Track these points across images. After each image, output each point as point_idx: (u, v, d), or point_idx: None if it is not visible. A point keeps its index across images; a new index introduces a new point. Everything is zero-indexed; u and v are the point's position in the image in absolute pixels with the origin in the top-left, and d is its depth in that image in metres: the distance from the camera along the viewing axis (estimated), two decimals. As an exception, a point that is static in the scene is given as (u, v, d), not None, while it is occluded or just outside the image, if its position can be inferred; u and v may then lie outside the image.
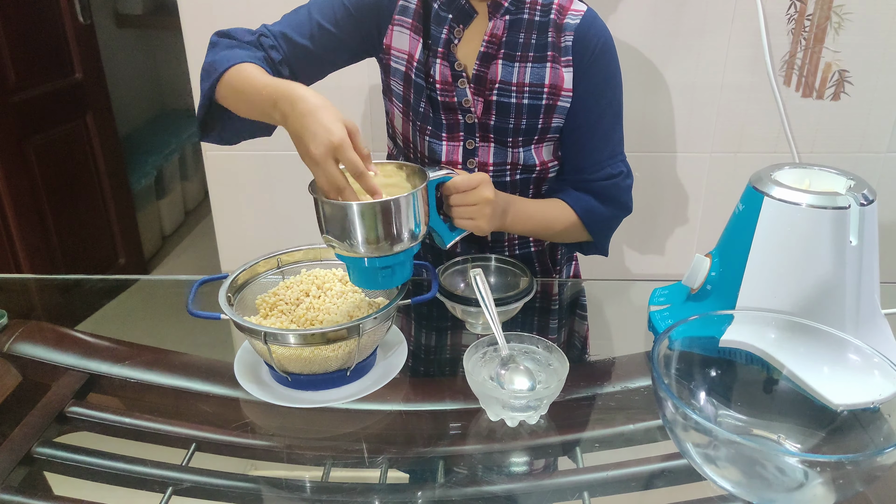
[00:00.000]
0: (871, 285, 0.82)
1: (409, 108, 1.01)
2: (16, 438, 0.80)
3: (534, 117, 0.98)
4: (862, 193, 0.79)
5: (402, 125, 1.04)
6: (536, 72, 0.96)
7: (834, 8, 1.32)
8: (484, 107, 0.98)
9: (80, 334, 1.02)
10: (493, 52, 0.96)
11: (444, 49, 0.96)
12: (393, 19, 0.98)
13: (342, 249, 0.77)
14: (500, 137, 1.00)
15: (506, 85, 0.96)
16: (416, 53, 0.98)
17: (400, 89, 1.01)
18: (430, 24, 0.97)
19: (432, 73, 0.97)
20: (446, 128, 1.00)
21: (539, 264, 1.13)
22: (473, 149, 1.01)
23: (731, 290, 0.85)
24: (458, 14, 0.96)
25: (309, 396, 0.81)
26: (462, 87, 0.97)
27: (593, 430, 0.82)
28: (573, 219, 1.03)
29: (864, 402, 0.71)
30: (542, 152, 1.02)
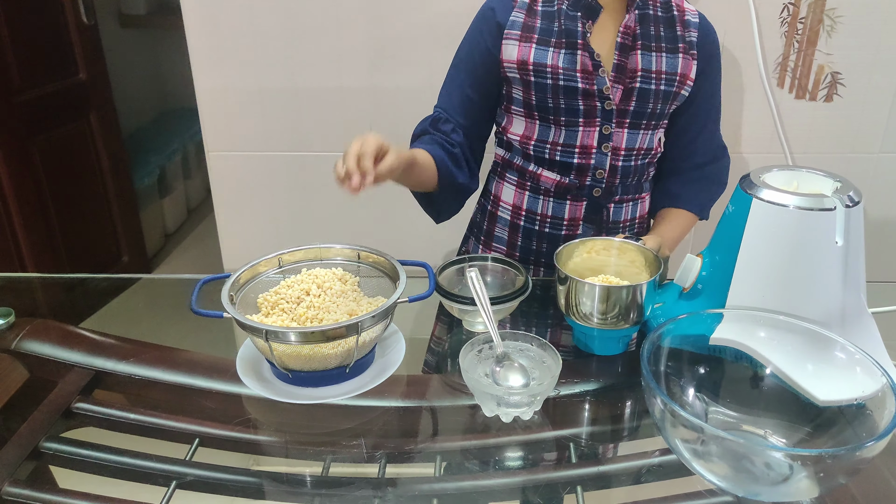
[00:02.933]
0: (857, 285, 0.84)
1: (531, 108, 1.08)
2: (23, 434, 0.82)
3: (665, 103, 1.08)
4: (848, 195, 0.81)
5: (524, 128, 1.11)
6: (671, 61, 1.06)
7: (826, 11, 1.34)
8: (623, 94, 1.05)
9: (85, 332, 1.04)
10: (630, 43, 1.05)
11: (582, 41, 1.04)
12: (504, 35, 1.06)
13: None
14: (637, 121, 1.08)
15: (647, 73, 1.05)
16: (530, 57, 1.04)
17: (519, 94, 1.09)
18: (552, 25, 1.05)
19: (563, 65, 1.04)
20: (583, 113, 1.06)
21: None
22: (609, 134, 1.08)
23: (721, 289, 0.87)
24: (586, 10, 1.05)
25: (309, 393, 0.82)
26: (602, 75, 1.04)
27: (586, 425, 0.84)
28: (691, 220, 1.20)
29: (848, 399, 0.73)
30: (657, 137, 1.13)
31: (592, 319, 0.88)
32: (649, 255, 0.93)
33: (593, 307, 0.87)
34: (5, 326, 0.99)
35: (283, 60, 1.44)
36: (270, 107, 1.48)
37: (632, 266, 0.95)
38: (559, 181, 1.11)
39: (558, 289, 0.91)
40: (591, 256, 0.96)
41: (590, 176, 1.10)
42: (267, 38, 1.42)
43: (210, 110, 1.49)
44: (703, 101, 1.12)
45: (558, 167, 1.10)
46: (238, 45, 1.44)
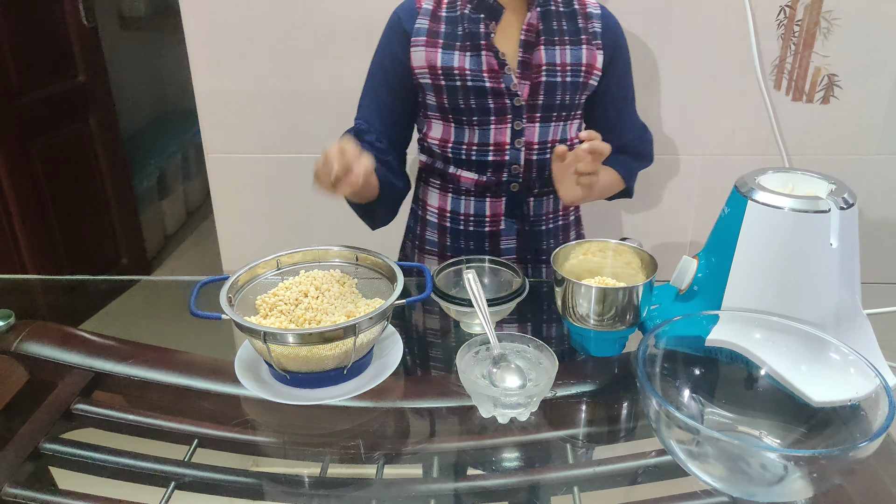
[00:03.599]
0: (851, 286, 0.84)
1: (445, 111, 1.11)
2: (24, 435, 0.83)
3: (574, 93, 1.11)
4: (842, 197, 0.81)
5: (441, 132, 1.14)
6: (575, 52, 1.09)
7: (823, 14, 1.35)
8: (531, 89, 1.08)
9: (85, 334, 1.05)
10: (533, 39, 1.08)
11: (485, 41, 1.07)
12: (411, 43, 1.08)
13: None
14: (547, 114, 1.11)
15: (552, 66, 1.08)
16: (437, 62, 1.07)
17: (432, 99, 1.11)
18: (456, 29, 1.07)
19: (471, 67, 1.06)
20: (494, 111, 1.09)
21: (555, 240, 1.22)
22: (520, 129, 1.10)
23: (717, 291, 0.87)
24: (488, 12, 1.07)
25: (307, 394, 0.83)
26: (508, 73, 1.07)
27: (582, 427, 0.84)
28: (616, 179, 1.20)
29: (842, 400, 0.73)
30: (572, 129, 1.16)
31: (589, 321, 0.88)
32: (645, 257, 0.93)
33: (590, 309, 0.88)
34: (5, 328, 0.99)
35: (282, 63, 1.45)
36: (269, 109, 1.48)
37: (628, 268, 0.95)
38: (478, 180, 1.14)
39: (555, 290, 0.91)
40: (588, 258, 0.97)
41: (506, 172, 1.12)
42: (266, 41, 1.43)
43: (209, 113, 1.49)
44: (616, 88, 1.16)
45: (476, 167, 1.13)
46: (237, 48, 1.44)
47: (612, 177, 1.19)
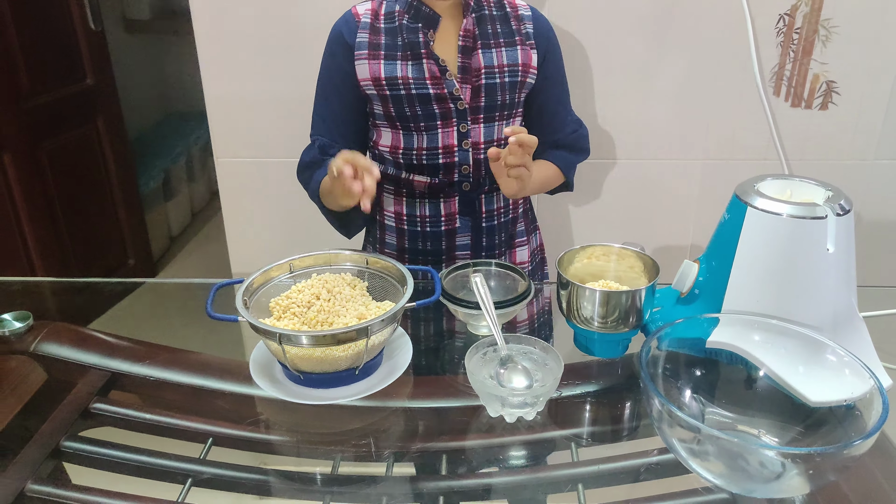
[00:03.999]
0: (848, 290, 0.87)
1: (392, 120, 1.14)
2: (44, 433, 0.85)
3: (513, 93, 1.15)
4: (839, 204, 0.84)
5: (391, 139, 1.17)
6: (511, 54, 1.14)
7: (821, 22, 1.37)
8: (472, 92, 1.12)
9: (101, 335, 1.07)
10: (471, 44, 1.12)
11: (425, 50, 1.10)
12: (354, 56, 1.12)
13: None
14: (490, 115, 1.15)
15: (490, 69, 1.12)
16: (381, 73, 1.11)
17: (380, 108, 1.15)
18: (395, 40, 1.11)
19: (413, 75, 1.10)
20: (440, 116, 1.13)
21: (506, 233, 1.26)
22: (466, 131, 1.15)
23: (717, 294, 0.90)
24: (426, 21, 1.11)
25: (320, 394, 0.85)
26: (450, 78, 1.11)
27: (587, 426, 0.87)
28: (555, 172, 1.24)
29: (838, 400, 0.76)
30: (514, 125, 1.16)
31: (593, 323, 0.91)
32: (648, 261, 0.96)
33: (594, 311, 0.90)
34: (24, 329, 1.02)
35: (291, 68, 1.47)
36: (277, 114, 1.51)
37: (630, 271, 0.98)
38: (430, 182, 1.17)
39: (560, 293, 0.94)
40: (592, 262, 1.00)
41: (456, 173, 1.16)
42: (275, 47, 1.46)
43: (219, 117, 1.52)
44: (551, 84, 1.20)
45: (427, 170, 1.16)
46: (246, 54, 1.47)
47: (550, 170, 1.23)
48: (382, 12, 1.13)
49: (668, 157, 1.54)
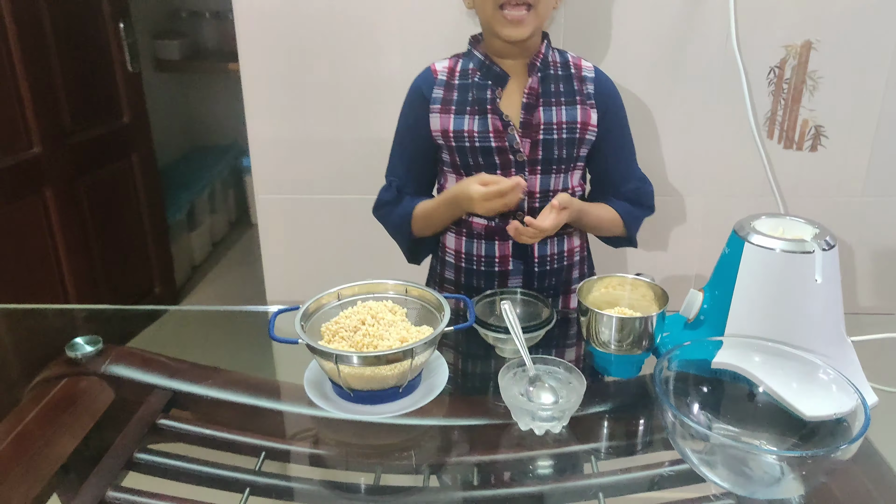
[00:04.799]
0: (836, 316, 0.98)
1: (457, 167, 1.26)
2: (119, 446, 0.93)
3: (570, 148, 1.23)
4: (825, 240, 0.95)
5: (455, 183, 1.26)
6: (570, 112, 1.22)
7: (808, 73, 1.49)
8: (531, 145, 1.21)
9: (162, 358, 1.17)
10: (534, 101, 1.21)
11: (491, 106, 1.20)
12: (429, 109, 1.23)
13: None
14: (547, 167, 1.23)
15: (549, 125, 1.21)
16: (450, 126, 1.22)
17: (447, 157, 1.26)
18: (466, 96, 1.20)
19: (478, 129, 1.21)
20: (500, 166, 1.23)
21: (557, 279, 1.33)
22: (524, 181, 1.21)
23: (720, 320, 1.00)
24: (495, 79, 1.21)
25: (368, 409, 0.95)
26: (511, 132, 1.20)
27: (606, 440, 0.95)
28: (616, 217, 1.29)
29: (829, 414, 0.85)
30: (573, 178, 1.28)
31: (610, 346, 1.02)
32: (658, 290, 1.07)
33: (611, 335, 1.01)
34: (94, 352, 1.12)
35: (327, 113, 1.59)
36: (315, 154, 1.62)
37: (643, 300, 1.09)
38: (487, 225, 1.26)
39: (580, 320, 1.05)
40: (609, 291, 1.11)
41: (512, 218, 1.23)
42: (313, 93, 1.58)
43: (261, 157, 1.63)
44: (612, 140, 1.27)
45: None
46: (288, 98, 1.59)
47: (609, 213, 1.28)
48: (458, 69, 1.24)
49: (674, 195, 1.65)
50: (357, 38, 1.54)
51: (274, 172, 1.64)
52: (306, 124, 1.61)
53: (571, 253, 1.33)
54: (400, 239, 1.34)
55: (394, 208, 1.30)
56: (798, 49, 1.49)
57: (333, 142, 1.61)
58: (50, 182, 2.12)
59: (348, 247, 1.66)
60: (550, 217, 1.14)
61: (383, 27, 1.53)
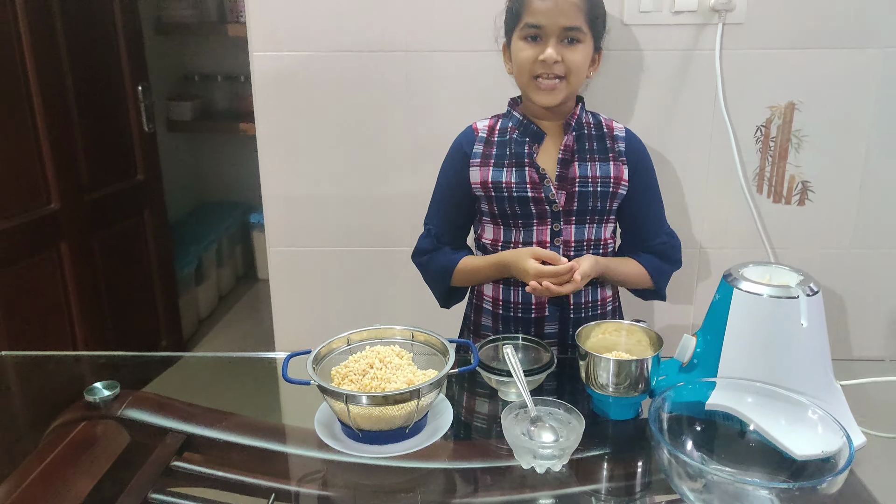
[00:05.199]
0: (823, 359, 1.02)
1: (495, 216, 1.33)
2: (134, 487, 0.97)
3: (604, 201, 1.31)
4: (809, 286, 1.01)
5: (492, 233, 1.36)
6: (604, 168, 1.31)
7: (793, 132, 1.58)
8: (567, 197, 1.29)
9: (176, 402, 1.21)
10: (569, 157, 1.30)
11: (528, 160, 1.30)
12: (469, 164, 1.33)
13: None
14: (581, 218, 1.31)
15: (584, 178, 1.29)
16: (489, 178, 1.31)
17: (486, 207, 1.34)
18: (505, 151, 1.32)
19: (515, 180, 1.29)
20: (536, 216, 1.30)
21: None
22: (559, 230, 1.31)
23: (713, 364, 1.05)
24: (532, 136, 1.31)
25: (376, 449, 0.99)
26: (547, 184, 1.29)
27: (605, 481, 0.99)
28: (643, 271, 1.36)
29: (817, 453, 0.89)
30: (606, 230, 1.35)
31: (608, 388, 1.06)
32: (653, 335, 1.12)
33: (608, 378, 1.06)
34: (111, 397, 1.16)
35: (337, 170, 1.67)
36: (324, 209, 1.70)
37: (639, 345, 1.14)
38: None
39: (579, 363, 1.10)
40: (606, 336, 1.16)
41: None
42: (324, 153, 1.66)
43: (274, 211, 1.71)
44: (642, 195, 1.35)
45: None
46: (299, 157, 1.67)
47: (635, 268, 1.35)
48: (497, 128, 1.34)
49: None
50: (365, 102, 1.64)
51: (285, 226, 1.71)
52: (316, 181, 1.69)
53: (605, 302, 1.39)
54: (436, 286, 1.41)
55: (434, 256, 1.38)
56: (782, 109, 1.58)
57: (341, 198, 1.69)
58: (66, 237, 2.19)
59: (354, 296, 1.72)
60: (569, 286, 1.20)
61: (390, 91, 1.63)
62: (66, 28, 2.13)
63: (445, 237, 1.39)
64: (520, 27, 1.25)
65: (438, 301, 1.43)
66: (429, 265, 1.39)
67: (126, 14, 2.41)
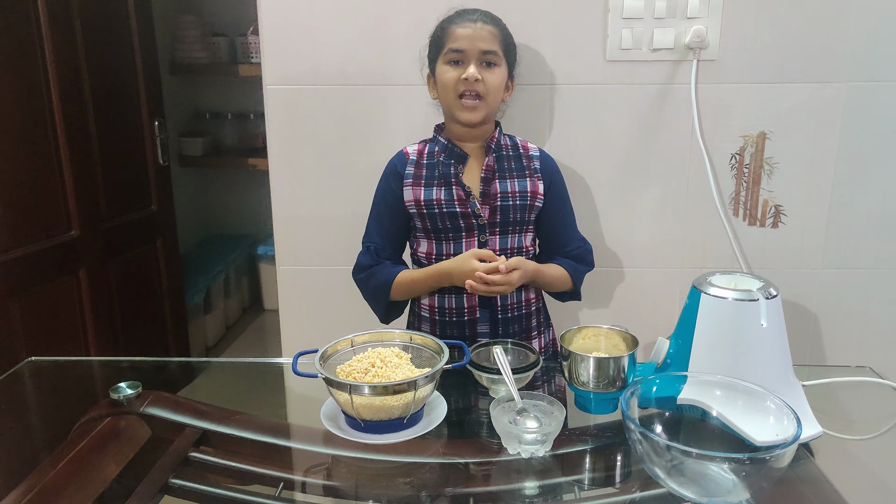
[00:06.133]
0: (783, 357, 1.12)
1: (428, 231, 1.47)
2: (155, 474, 1.08)
3: (523, 213, 1.46)
4: (768, 291, 1.12)
5: (426, 246, 1.49)
6: (522, 183, 1.47)
7: (765, 159, 1.71)
8: (490, 211, 1.44)
9: (192, 401, 1.32)
10: (490, 176, 1.45)
11: (455, 179, 1.44)
12: (402, 184, 1.47)
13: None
14: (504, 229, 1.46)
15: (504, 194, 1.45)
16: (421, 196, 1.44)
17: (419, 223, 1.48)
18: (433, 172, 1.46)
19: (444, 198, 1.43)
20: (464, 229, 1.45)
21: (519, 325, 1.51)
22: (485, 241, 1.46)
23: (684, 363, 1.15)
24: (457, 158, 1.46)
25: (376, 437, 1.09)
26: (472, 200, 1.44)
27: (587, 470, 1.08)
28: (564, 274, 1.51)
29: (774, 439, 0.97)
30: (526, 239, 1.50)
31: (589, 385, 1.16)
32: (628, 338, 1.22)
33: (589, 375, 1.16)
34: (134, 395, 1.26)
35: (343, 193, 1.80)
36: (330, 230, 1.82)
37: (615, 349, 1.24)
38: None
39: (562, 364, 1.20)
40: (587, 341, 1.26)
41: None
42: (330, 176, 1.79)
43: (283, 233, 1.82)
44: (556, 207, 1.51)
45: None
46: (309, 183, 1.80)
47: (558, 270, 1.50)
48: (426, 151, 1.49)
49: (653, 266, 1.81)
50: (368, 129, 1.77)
51: (293, 246, 1.83)
52: (323, 204, 1.81)
53: (529, 303, 1.52)
54: (376, 302, 1.51)
55: (374, 272, 1.49)
56: (755, 138, 1.71)
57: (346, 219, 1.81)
58: (85, 263, 2.31)
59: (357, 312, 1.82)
60: (497, 277, 1.34)
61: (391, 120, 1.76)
62: (89, 67, 2.29)
63: (384, 252, 1.50)
64: (443, 53, 1.43)
65: (378, 317, 1.55)
66: (369, 280, 1.49)
67: (144, 55, 2.58)
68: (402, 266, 1.52)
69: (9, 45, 1.98)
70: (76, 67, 2.24)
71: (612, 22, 1.66)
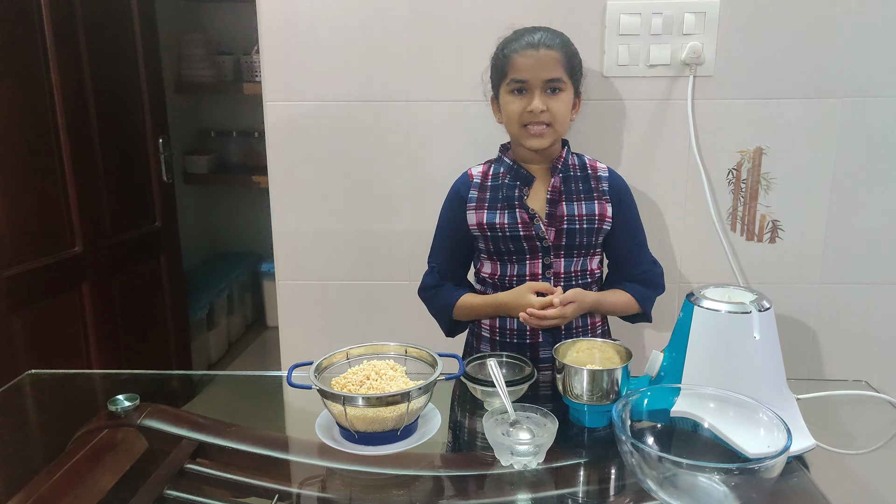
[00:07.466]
0: (776, 370, 1.13)
1: (491, 253, 1.46)
2: (151, 484, 1.08)
3: (590, 236, 1.43)
4: (761, 304, 1.12)
5: (490, 267, 1.48)
6: (589, 206, 1.43)
7: (762, 175, 1.71)
8: (556, 234, 1.41)
9: (189, 414, 1.32)
10: (556, 197, 1.42)
11: (518, 202, 1.42)
12: (466, 207, 1.45)
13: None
14: (569, 252, 1.43)
15: (571, 216, 1.42)
16: (484, 220, 1.43)
17: (483, 245, 1.47)
18: (497, 194, 1.44)
19: (508, 221, 1.42)
20: (528, 251, 1.43)
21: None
22: (549, 263, 1.43)
23: (678, 375, 1.15)
24: (522, 180, 1.44)
25: (370, 449, 1.10)
26: (537, 223, 1.41)
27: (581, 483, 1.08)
28: (630, 300, 1.47)
29: (766, 451, 0.97)
30: (592, 262, 1.47)
31: (583, 398, 1.16)
32: (622, 351, 1.23)
33: (583, 388, 1.16)
34: (132, 408, 1.27)
35: (341, 209, 1.81)
36: (330, 245, 1.83)
37: (609, 362, 1.24)
38: None
39: (556, 377, 1.20)
40: (581, 354, 1.26)
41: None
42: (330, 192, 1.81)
43: (283, 248, 1.84)
44: (625, 229, 1.47)
45: None
46: (308, 198, 1.81)
47: (623, 297, 1.46)
48: (490, 173, 1.47)
49: (650, 282, 1.83)
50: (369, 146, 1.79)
51: (293, 261, 1.85)
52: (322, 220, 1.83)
53: (594, 326, 1.50)
54: (441, 320, 1.53)
55: (438, 292, 1.50)
56: (751, 154, 1.72)
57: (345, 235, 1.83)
58: (88, 279, 2.33)
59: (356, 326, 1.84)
60: (551, 311, 1.32)
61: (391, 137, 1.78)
62: (94, 84, 2.32)
63: (448, 273, 1.51)
64: (506, 83, 1.41)
65: (443, 331, 1.56)
66: (433, 301, 1.51)
67: (150, 73, 2.62)
68: (465, 289, 1.52)
69: (14, 62, 2.02)
70: (81, 85, 2.28)
71: (608, 38, 1.68)
